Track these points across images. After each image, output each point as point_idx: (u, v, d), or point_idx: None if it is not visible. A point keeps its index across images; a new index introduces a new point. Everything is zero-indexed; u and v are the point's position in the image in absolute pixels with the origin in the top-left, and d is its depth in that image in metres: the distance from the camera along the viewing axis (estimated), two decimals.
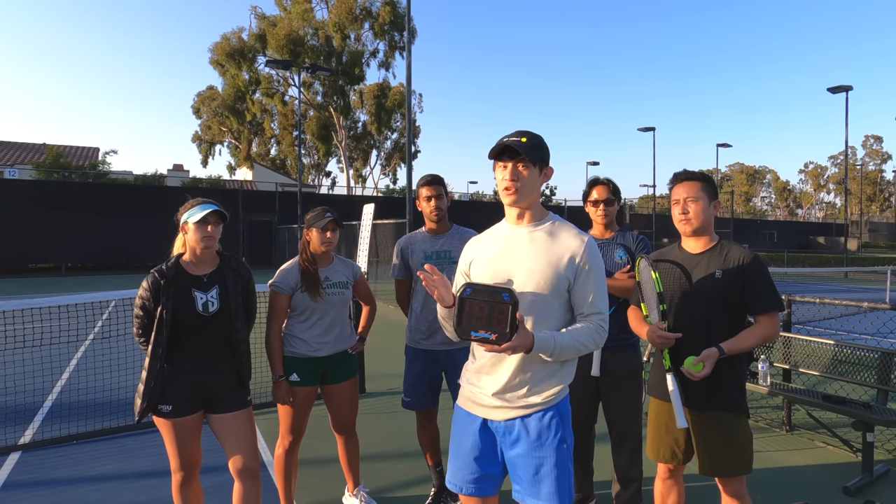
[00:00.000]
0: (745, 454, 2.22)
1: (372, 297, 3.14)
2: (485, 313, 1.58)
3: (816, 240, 45.31)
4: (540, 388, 1.75)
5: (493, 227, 1.94)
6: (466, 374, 1.90)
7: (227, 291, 2.39)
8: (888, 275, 12.54)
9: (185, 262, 2.40)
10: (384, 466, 3.63)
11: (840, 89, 24.15)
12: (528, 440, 1.75)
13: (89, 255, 21.47)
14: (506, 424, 1.78)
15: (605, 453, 3.03)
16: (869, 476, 3.37)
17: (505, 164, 1.75)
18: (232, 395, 2.41)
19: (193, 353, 2.35)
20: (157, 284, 2.31)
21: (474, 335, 1.59)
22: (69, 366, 6.06)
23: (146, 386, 2.28)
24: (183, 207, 2.39)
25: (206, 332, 2.35)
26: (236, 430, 2.39)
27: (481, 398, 1.81)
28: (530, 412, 1.75)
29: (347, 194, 34.69)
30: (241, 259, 2.57)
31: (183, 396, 2.33)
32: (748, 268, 2.18)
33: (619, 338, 2.75)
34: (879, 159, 74.29)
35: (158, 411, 2.33)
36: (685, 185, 2.26)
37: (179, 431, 2.35)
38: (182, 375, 2.33)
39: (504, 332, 1.56)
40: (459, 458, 1.87)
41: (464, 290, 1.61)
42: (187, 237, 2.38)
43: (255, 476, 2.42)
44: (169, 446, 2.39)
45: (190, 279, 2.36)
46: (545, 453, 1.74)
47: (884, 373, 3.74)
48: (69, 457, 3.79)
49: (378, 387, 5.41)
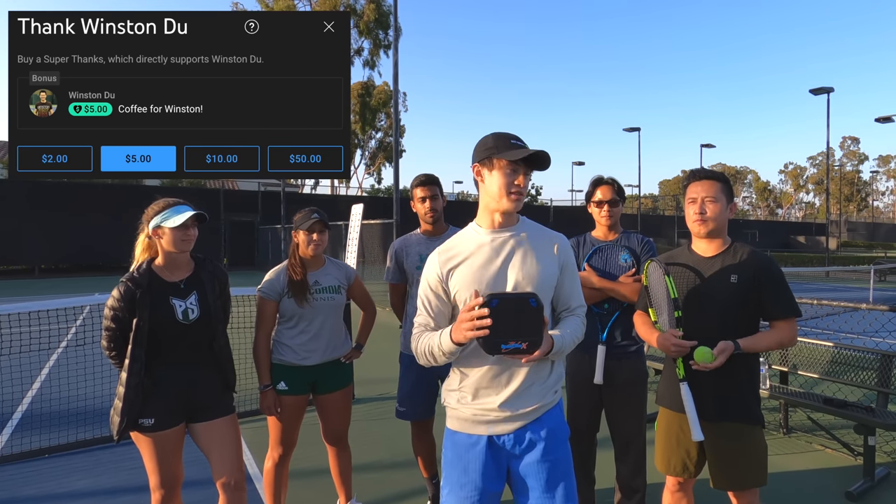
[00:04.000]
0: (760, 466, 2.13)
1: (370, 302, 2.99)
2: (513, 322, 1.48)
3: (797, 239, 46.17)
4: (544, 389, 1.72)
5: (463, 234, 1.77)
6: (456, 395, 1.75)
7: (206, 296, 2.27)
8: (871, 274, 12.73)
9: (158, 268, 2.24)
10: (377, 477, 3.49)
11: (822, 91, 24.55)
12: (545, 442, 1.70)
13: (63, 257, 20.93)
14: (515, 435, 1.70)
15: (608, 462, 2.93)
16: (870, 480, 3.32)
17: (524, 171, 1.66)
18: (217, 402, 2.30)
19: (175, 363, 2.23)
20: (132, 294, 2.14)
21: (504, 347, 1.49)
22: (40, 375, 5.82)
23: (125, 402, 2.13)
24: (151, 209, 2.23)
25: (187, 341, 2.23)
26: (221, 438, 2.28)
27: (485, 415, 1.70)
28: (541, 414, 1.71)
29: (332, 194, 34.39)
30: (215, 261, 2.45)
31: (165, 409, 2.19)
32: (765, 272, 2.08)
33: (623, 344, 2.65)
34: (857, 160, 76.11)
35: (139, 426, 2.18)
36: (704, 183, 2.14)
37: (161, 446, 2.20)
38: (164, 388, 2.19)
39: (537, 339, 1.50)
40: (466, 486, 1.72)
41: (489, 300, 1.49)
42: (161, 241, 2.21)
43: (241, 489, 2.30)
44: (149, 463, 2.23)
45: (166, 286, 2.21)
46: (559, 455, 1.72)
47: (884, 375, 3.70)
48: (40, 472, 3.58)
49: (368, 392, 5.25)
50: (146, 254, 2.28)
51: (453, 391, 1.76)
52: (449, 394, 1.78)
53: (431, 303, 1.73)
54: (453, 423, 1.77)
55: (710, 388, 2.12)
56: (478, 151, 1.70)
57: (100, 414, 4.43)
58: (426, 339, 1.68)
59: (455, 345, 1.58)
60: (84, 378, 4.72)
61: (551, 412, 1.74)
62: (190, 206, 2.25)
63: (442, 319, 1.73)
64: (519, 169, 1.65)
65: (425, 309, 1.74)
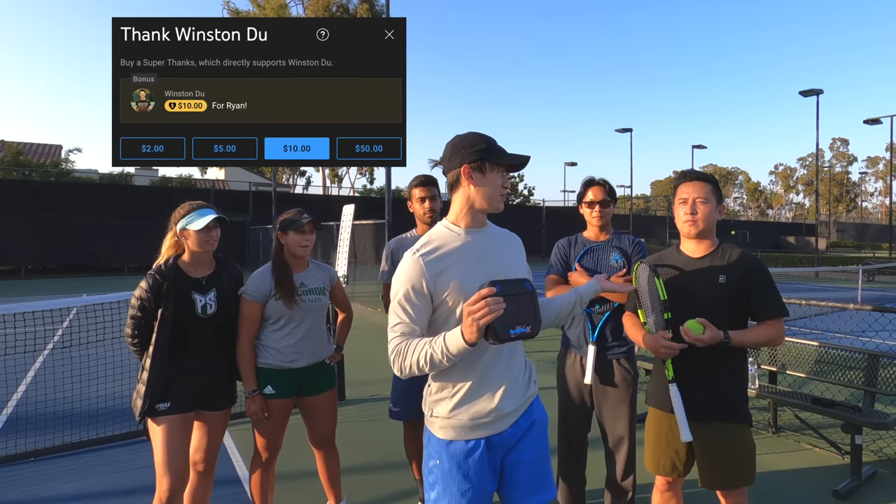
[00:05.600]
0: (748, 465, 2.14)
1: (348, 304, 3.00)
2: (515, 307, 1.49)
3: (787, 239, 46.56)
4: (528, 379, 1.80)
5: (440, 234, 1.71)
6: (447, 404, 1.68)
7: (224, 294, 2.48)
8: (860, 274, 12.87)
9: (184, 264, 2.45)
10: (368, 479, 3.47)
11: (811, 92, 24.82)
12: (537, 426, 1.78)
13: (51, 258, 20.66)
14: (513, 427, 1.72)
15: (598, 462, 2.94)
16: (858, 479, 3.35)
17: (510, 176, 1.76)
18: (224, 393, 2.53)
19: (191, 353, 2.42)
20: (158, 285, 2.35)
21: (514, 332, 1.48)
22: (26, 377, 5.73)
23: (148, 385, 2.31)
24: (178, 212, 2.44)
25: (203, 334, 2.44)
26: (211, 427, 2.51)
27: (483, 418, 1.67)
28: (531, 400, 1.79)
29: (323, 194, 34.26)
30: (233, 262, 2.67)
31: (181, 395, 2.37)
32: (753, 273, 2.10)
33: (613, 344, 2.65)
34: (846, 161, 76.97)
35: (155, 411, 2.34)
36: (695, 184, 2.15)
37: (172, 430, 2.35)
38: (182, 375, 2.39)
39: (538, 322, 1.54)
40: (467, 493, 1.68)
41: (494, 286, 1.46)
42: (188, 242, 2.42)
43: (210, 472, 2.56)
44: (159, 451, 2.33)
45: (189, 281, 2.42)
46: (546, 442, 1.81)
47: (870, 374, 3.74)
48: (25, 476, 3.53)
49: (359, 393, 5.22)
50: (172, 251, 2.47)
51: (443, 401, 1.68)
52: (437, 404, 1.70)
53: (414, 307, 1.60)
54: (447, 432, 1.68)
55: (699, 389, 2.13)
56: (465, 151, 1.66)
57: (86, 417, 4.38)
58: (420, 347, 1.54)
59: (467, 345, 1.45)
60: (71, 380, 4.66)
61: (536, 401, 1.83)
62: (213, 209, 2.45)
63: (424, 325, 1.63)
64: (509, 175, 1.73)
65: (407, 315, 1.60)
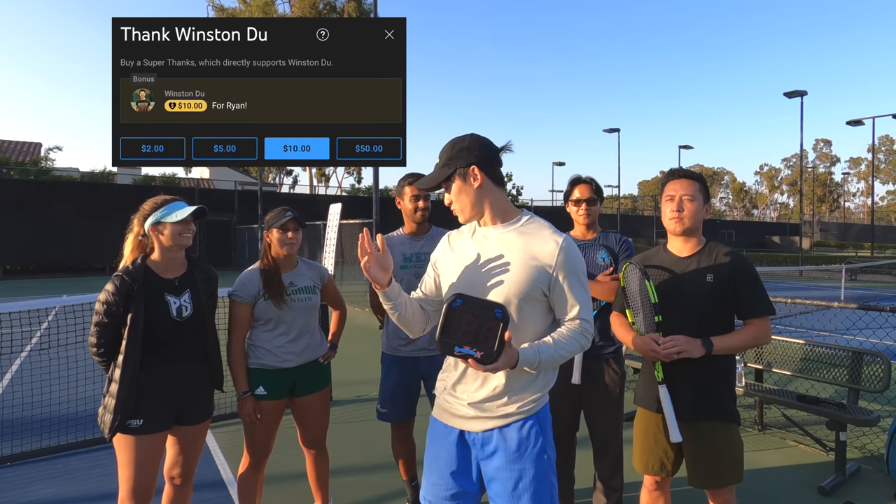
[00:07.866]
0: (736, 464, 2.14)
1: (341, 301, 2.97)
2: (472, 328, 1.44)
3: (772, 239, 47.16)
4: (520, 397, 1.66)
5: (465, 226, 1.82)
6: (441, 384, 1.79)
7: (199, 295, 2.30)
8: (843, 273, 13.06)
9: (153, 264, 2.25)
10: (355, 480, 3.43)
11: (796, 94, 25.15)
12: (507, 451, 1.64)
13: (31, 258, 20.26)
14: (483, 436, 1.67)
15: (586, 461, 2.93)
16: (842, 475, 3.38)
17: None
18: (202, 404, 2.35)
19: (167, 361, 2.22)
20: (128, 287, 2.13)
21: (458, 350, 1.44)
22: (2, 380, 5.59)
23: (118, 399, 2.10)
24: (147, 207, 2.24)
25: (180, 339, 2.24)
26: (193, 441, 2.35)
27: (458, 409, 1.70)
28: (509, 422, 1.65)
29: (310, 193, 34.02)
30: (207, 261, 2.50)
31: (156, 410, 2.18)
32: (740, 272, 2.10)
33: (600, 344, 2.65)
34: (829, 162, 78.20)
35: (126, 427, 2.14)
36: (682, 181, 2.15)
37: (143, 451, 2.15)
38: (156, 387, 2.19)
39: (491, 350, 1.44)
40: (434, 472, 1.74)
41: (453, 300, 1.46)
42: (161, 237, 2.21)
43: (188, 483, 2.42)
44: (124, 470, 2.15)
45: (161, 283, 2.22)
46: (525, 465, 1.64)
47: (854, 372, 3.78)
48: (2, 481, 3.43)
49: (347, 394, 5.17)
50: (135, 253, 2.26)
51: (441, 379, 1.79)
52: (438, 381, 1.81)
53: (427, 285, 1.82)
54: (436, 410, 1.81)
55: (688, 389, 2.12)
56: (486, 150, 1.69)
57: (65, 420, 4.28)
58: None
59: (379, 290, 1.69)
60: (49, 383, 4.56)
61: (527, 422, 1.66)
62: (186, 201, 2.28)
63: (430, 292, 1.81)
64: None
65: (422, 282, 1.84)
